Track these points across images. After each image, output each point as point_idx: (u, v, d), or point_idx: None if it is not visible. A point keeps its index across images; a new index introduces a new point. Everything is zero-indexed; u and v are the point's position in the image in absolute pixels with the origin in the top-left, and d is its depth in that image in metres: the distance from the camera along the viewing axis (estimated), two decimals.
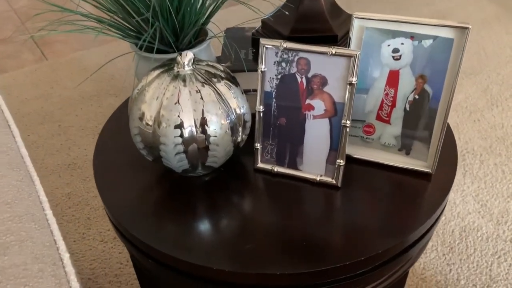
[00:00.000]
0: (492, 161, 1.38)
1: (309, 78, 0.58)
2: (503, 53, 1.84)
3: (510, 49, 1.86)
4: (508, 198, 1.26)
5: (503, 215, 1.22)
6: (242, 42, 0.77)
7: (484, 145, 1.43)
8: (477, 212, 1.23)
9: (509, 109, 1.57)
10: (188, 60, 0.56)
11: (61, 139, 1.51)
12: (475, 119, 1.53)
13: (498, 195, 1.27)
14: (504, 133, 1.47)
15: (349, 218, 0.58)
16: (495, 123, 1.51)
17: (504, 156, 1.39)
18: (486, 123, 1.51)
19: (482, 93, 1.64)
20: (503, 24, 2.05)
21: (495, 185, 1.30)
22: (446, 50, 0.55)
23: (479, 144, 1.43)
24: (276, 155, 0.63)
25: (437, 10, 2.22)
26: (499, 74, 1.72)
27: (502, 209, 1.23)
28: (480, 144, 1.43)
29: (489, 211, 1.23)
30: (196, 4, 0.60)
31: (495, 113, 1.55)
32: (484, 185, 1.30)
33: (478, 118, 1.53)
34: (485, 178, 1.32)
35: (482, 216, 1.22)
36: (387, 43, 0.57)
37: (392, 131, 0.62)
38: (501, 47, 1.88)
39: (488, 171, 1.34)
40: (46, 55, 1.96)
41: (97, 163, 0.68)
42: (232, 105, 0.58)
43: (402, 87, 0.59)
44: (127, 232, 0.59)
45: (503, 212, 1.23)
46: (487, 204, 1.25)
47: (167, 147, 0.56)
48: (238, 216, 0.59)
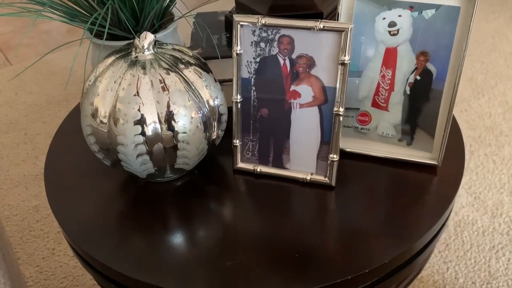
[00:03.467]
0: (482, 151, 1.31)
1: (293, 59, 0.48)
2: (485, 41, 1.80)
3: (491, 38, 1.81)
4: (501, 189, 1.20)
5: (497, 207, 1.15)
6: (215, 27, 0.67)
7: (473, 135, 1.37)
8: (471, 205, 1.17)
9: (495, 97, 1.51)
10: (148, 43, 0.46)
11: (28, 148, 1.40)
12: (462, 109, 1.47)
13: (491, 186, 1.21)
14: (492, 122, 1.41)
15: (346, 223, 0.49)
16: (483, 112, 1.45)
17: (494, 146, 1.33)
18: (473, 113, 1.45)
19: (467, 83, 1.58)
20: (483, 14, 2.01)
21: (487, 176, 1.24)
22: (452, 21, 0.46)
23: (468, 134, 1.37)
24: (258, 153, 0.53)
25: None
26: (483, 63, 1.67)
27: (496, 201, 1.17)
28: (469, 134, 1.37)
29: (483, 204, 1.16)
30: None
31: (482, 102, 1.50)
32: (476, 177, 1.24)
33: (465, 108, 1.48)
34: (477, 169, 1.26)
35: (477, 210, 1.16)
36: (382, 16, 0.48)
37: (390, 119, 0.53)
38: (482, 36, 1.83)
39: (479, 162, 1.28)
40: (10, 60, 1.83)
41: (49, 174, 0.56)
42: (203, 95, 0.48)
43: (401, 67, 0.50)
44: (86, 254, 0.48)
45: (497, 204, 1.16)
46: (480, 196, 1.18)
47: (127, 148, 0.46)
48: (217, 227, 0.49)
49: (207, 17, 0.69)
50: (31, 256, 1.07)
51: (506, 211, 1.14)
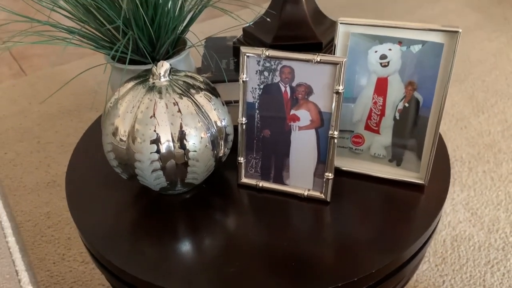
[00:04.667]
0: (480, 168, 1.36)
1: (293, 87, 0.54)
2: (487, 60, 1.85)
3: (493, 57, 1.86)
4: (498, 205, 1.24)
5: (494, 223, 1.20)
6: (223, 52, 0.74)
7: (472, 152, 1.42)
8: (468, 221, 1.21)
9: (495, 115, 1.56)
10: (164, 71, 0.52)
11: (40, 156, 1.46)
12: (462, 127, 1.52)
13: (488, 202, 1.25)
14: (491, 140, 1.46)
15: (340, 235, 0.54)
16: (482, 130, 1.50)
17: (492, 163, 1.37)
18: (473, 130, 1.50)
19: (468, 100, 1.63)
20: (485, 32, 2.06)
21: (485, 192, 1.28)
22: (436, 55, 0.52)
23: (467, 151, 1.42)
24: (260, 170, 0.60)
25: (420, 18, 2.23)
26: (484, 81, 1.72)
27: (492, 217, 1.21)
28: (468, 151, 1.42)
29: (480, 220, 1.20)
30: (173, 12, 0.57)
31: (482, 120, 1.54)
32: (474, 193, 1.28)
33: (465, 125, 1.52)
34: (475, 186, 1.30)
35: (473, 225, 1.20)
36: (374, 49, 0.54)
37: (381, 141, 0.59)
38: (484, 55, 1.88)
39: (477, 179, 1.32)
40: (24, 70, 1.90)
41: (70, 184, 0.63)
42: (212, 117, 0.54)
43: (391, 95, 0.56)
44: (102, 257, 0.54)
45: (493, 220, 1.20)
46: (477, 212, 1.22)
47: (143, 164, 0.52)
48: (222, 236, 0.55)
49: (217, 42, 0.76)
50: (43, 260, 1.12)
51: (502, 227, 1.18)
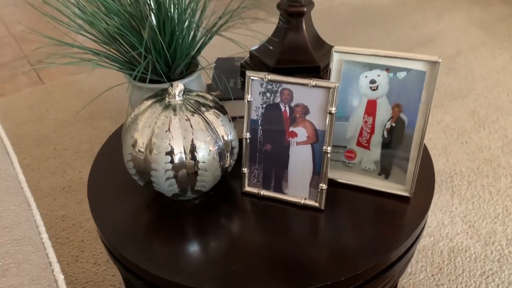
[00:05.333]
0: (479, 182, 1.41)
1: (292, 107, 0.62)
2: (490, 77, 1.91)
3: (496, 73, 1.93)
4: (495, 219, 1.30)
5: (490, 235, 1.25)
6: (232, 71, 0.82)
7: (472, 166, 1.47)
8: (465, 233, 1.27)
9: (496, 131, 1.62)
10: (179, 91, 0.60)
11: (56, 162, 1.54)
12: (463, 141, 1.57)
13: (485, 216, 1.30)
14: (491, 155, 1.51)
15: (332, 240, 0.62)
16: (483, 145, 1.56)
17: (491, 178, 1.43)
18: (474, 145, 1.56)
19: (469, 116, 1.69)
20: (489, 50, 2.13)
21: (483, 206, 1.34)
22: (419, 81, 0.60)
23: (467, 165, 1.48)
24: (262, 179, 0.67)
25: (425, 34, 2.30)
26: (486, 98, 1.78)
27: (489, 230, 1.27)
28: (468, 165, 1.48)
29: (477, 232, 1.26)
30: (187, 39, 0.65)
31: (483, 135, 1.60)
32: (472, 206, 1.34)
33: (466, 140, 1.58)
34: (473, 199, 1.36)
35: (470, 237, 1.26)
36: (365, 74, 0.62)
37: (371, 157, 0.66)
38: (488, 71, 1.95)
39: (475, 193, 1.38)
40: (42, 79, 2.01)
41: (91, 187, 0.71)
42: (220, 132, 0.62)
43: (379, 115, 0.63)
44: (118, 253, 0.62)
45: (490, 233, 1.26)
46: (475, 225, 1.28)
47: (158, 172, 0.60)
48: (226, 238, 0.63)
49: (226, 62, 0.84)
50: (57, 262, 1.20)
51: (498, 240, 1.24)
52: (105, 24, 0.61)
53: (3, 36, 2.47)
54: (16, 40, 2.41)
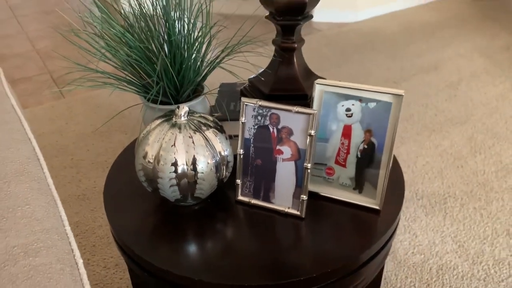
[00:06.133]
0: (472, 205, 1.51)
1: (279, 129, 0.75)
2: (490, 104, 2.01)
3: (496, 101, 2.03)
4: (484, 240, 1.39)
5: (478, 255, 1.34)
6: (234, 95, 0.96)
7: (465, 189, 1.57)
8: (454, 252, 1.36)
9: (491, 156, 1.71)
10: (184, 113, 0.74)
11: (73, 172, 1.69)
12: (459, 165, 1.67)
13: (475, 237, 1.40)
14: (485, 179, 1.61)
15: (310, 243, 0.73)
16: (477, 169, 1.65)
17: (483, 201, 1.52)
18: (468, 169, 1.65)
19: (467, 141, 1.79)
20: (491, 77, 2.24)
21: (473, 227, 1.43)
22: (387, 111, 0.72)
23: (461, 188, 1.57)
24: (253, 190, 0.80)
25: (429, 61, 2.43)
26: (484, 124, 1.88)
27: (478, 250, 1.36)
28: (462, 188, 1.57)
29: (465, 252, 1.35)
30: (194, 69, 0.79)
31: (478, 160, 1.70)
32: (463, 227, 1.43)
33: (461, 164, 1.68)
34: (464, 220, 1.45)
35: (459, 256, 1.35)
36: (342, 103, 0.75)
37: (347, 173, 0.78)
38: (487, 98, 2.05)
39: (467, 214, 1.47)
40: (64, 94, 2.18)
41: (107, 191, 0.85)
42: (217, 148, 0.75)
43: (354, 138, 0.76)
44: (128, 248, 0.75)
45: (478, 253, 1.35)
46: (464, 245, 1.37)
47: (164, 180, 0.73)
48: (220, 239, 0.75)
49: (229, 87, 0.98)
50: None
51: (486, 260, 1.33)
52: (125, 56, 0.75)
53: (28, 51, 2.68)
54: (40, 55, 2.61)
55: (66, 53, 2.60)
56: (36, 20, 3.22)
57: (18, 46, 2.75)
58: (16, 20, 3.22)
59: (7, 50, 2.70)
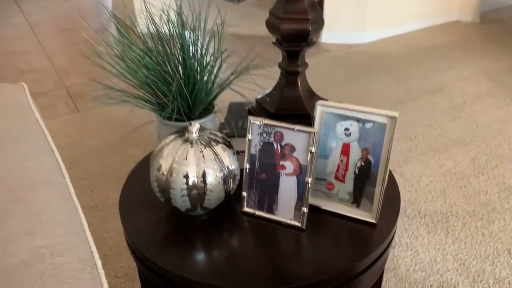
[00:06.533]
0: (474, 224, 1.55)
1: (282, 145, 0.82)
2: (493, 125, 2.07)
3: (499, 123, 2.08)
4: (486, 259, 1.43)
5: (479, 274, 1.38)
6: (242, 113, 1.03)
7: (468, 209, 1.62)
8: (455, 270, 1.40)
9: (494, 177, 1.76)
10: (196, 129, 0.82)
11: (86, 184, 1.77)
12: (462, 185, 1.72)
13: (476, 255, 1.44)
14: (487, 199, 1.65)
15: (310, 252, 0.80)
16: (480, 189, 1.70)
17: (485, 220, 1.57)
18: (471, 189, 1.70)
19: (470, 162, 1.84)
20: (495, 99, 2.29)
21: (475, 246, 1.47)
22: (382, 131, 0.79)
23: (463, 208, 1.62)
24: (257, 202, 0.87)
25: (435, 83, 2.50)
26: (488, 145, 1.94)
27: (479, 269, 1.40)
28: (464, 208, 1.62)
29: (466, 270, 1.39)
30: (205, 89, 0.87)
31: (481, 181, 1.75)
32: (464, 246, 1.48)
33: (464, 184, 1.73)
34: (466, 239, 1.50)
35: (460, 274, 1.39)
36: (341, 123, 0.82)
37: (346, 189, 0.85)
38: (491, 120, 2.11)
39: (469, 233, 1.52)
40: (79, 108, 2.28)
41: (123, 199, 0.92)
42: (225, 162, 0.82)
43: (352, 156, 0.83)
44: (140, 252, 0.82)
45: (479, 271, 1.39)
46: (465, 263, 1.42)
47: (176, 191, 0.80)
48: (227, 247, 0.82)
49: (238, 106, 1.06)
50: None
51: (486, 279, 1.37)
52: (143, 77, 0.83)
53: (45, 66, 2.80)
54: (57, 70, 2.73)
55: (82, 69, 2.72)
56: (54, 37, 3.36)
57: (37, 62, 2.88)
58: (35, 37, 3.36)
59: (26, 66, 2.83)
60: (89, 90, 2.42)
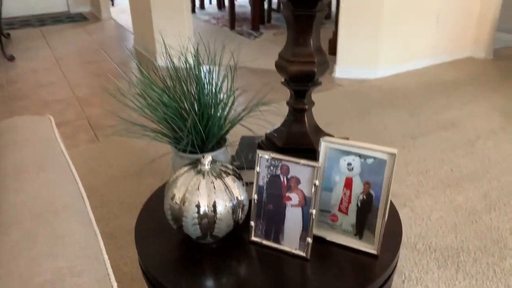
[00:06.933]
0: (485, 260, 1.56)
1: (288, 178, 0.89)
2: (506, 161, 2.09)
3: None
4: None
5: None
6: (253, 146, 1.10)
7: (479, 245, 1.63)
8: None
9: (506, 214, 1.77)
10: (207, 162, 0.89)
11: (102, 211, 1.84)
12: (473, 221, 1.74)
13: None
14: (499, 236, 1.66)
15: (314, 281, 0.84)
16: (492, 225, 1.71)
17: (496, 257, 1.57)
18: (483, 225, 1.72)
19: (482, 197, 1.86)
20: (508, 135, 2.32)
21: (486, 282, 1.48)
22: (382, 167, 0.85)
23: (474, 243, 1.63)
24: (265, 232, 0.92)
25: (447, 118, 2.54)
26: (500, 181, 1.95)
27: None
28: (475, 243, 1.63)
29: None
30: (218, 124, 0.95)
31: (493, 217, 1.76)
32: (475, 282, 1.48)
33: (476, 220, 1.74)
34: (477, 275, 1.51)
35: None
36: (344, 158, 0.88)
37: (349, 220, 0.90)
38: (504, 156, 2.13)
39: (480, 269, 1.53)
40: (98, 137, 2.39)
41: (138, 225, 0.98)
42: (235, 193, 0.88)
43: (354, 189, 0.88)
44: (152, 276, 0.87)
45: None
46: None
47: (188, 219, 0.86)
48: (235, 275, 0.87)
49: (249, 139, 1.13)
50: None
51: None
52: (162, 113, 0.92)
53: (69, 97, 2.95)
54: (79, 101, 2.87)
55: (103, 100, 2.85)
56: (78, 69, 3.54)
57: (60, 93, 3.04)
58: (60, 69, 3.55)
59: (51, 97, 2.98)
60: (109, 120, 2.53)
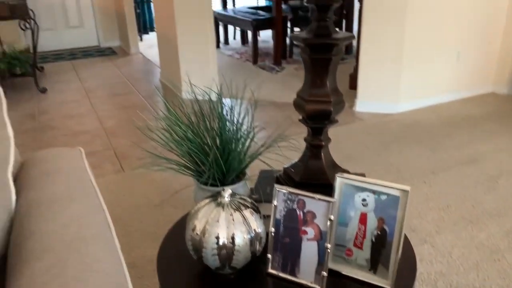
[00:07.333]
0: None
1: (304, 212, 0.93)
2: None
3: None
4: None
5: None
6: (271, 180, 1.15)
7: (501, 284, 1.61)
8: None
9: None
10: (227, 195, 0.94)
11: (125, 240, 1.90)
12: (496, 259, 1.72)
13: None
14: None
15: None
16: None
17: None
18: (506, 264, 1.69)
19: (504, 235, 1.84)
20: None
21: None
22: (395, 203, 0.88)
23: (497, 282, 1.61)
24: (281, 264, 0.96)
25: (469, 154, 2.53)
26: None
27: None
28: (498, 282, 1.61)
29: None
30: (238, 158, 1.00)
31: None
32: None
33: (498, 258, 1.72)
34: None
35: None
36: (358, 194, 0.92)
37: (364, 255, 0.93)
38: None
39: None
40: (123, 167, 2.48)
41: (160, 257, 1.03)
42: (253, 226, 0.93)
43: (369, 225, 0.91)
44: None
45: None
46: None
47: (207, 250, 0.91)
48: None
49: (268, 173, 1.18)
50: None
51: None
52: (186, 148, 0.98)
53: (97, 128, 3.08)
54: (106, 133, 2.99)
55: (129, 132, 2.96)
56: (106, 101, 3.70)
57: (89, 124, 3.17)
58: (89, 101, 3.71)
59: (80, 127, 3.12)
60: (134, 152, 2.63)
